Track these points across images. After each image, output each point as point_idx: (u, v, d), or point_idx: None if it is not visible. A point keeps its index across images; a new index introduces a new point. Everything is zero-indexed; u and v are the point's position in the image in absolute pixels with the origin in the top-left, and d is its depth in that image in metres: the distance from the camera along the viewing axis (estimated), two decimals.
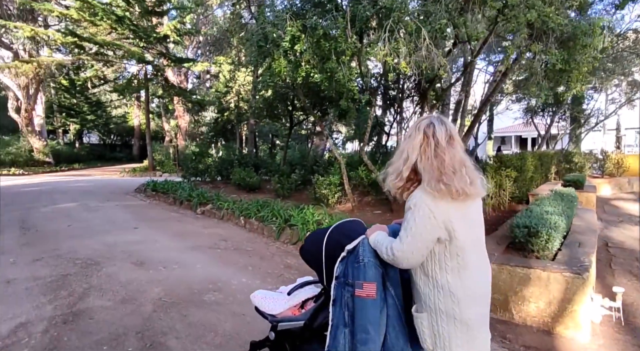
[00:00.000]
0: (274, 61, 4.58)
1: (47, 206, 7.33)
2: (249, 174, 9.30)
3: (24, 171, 17.16)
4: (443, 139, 1.30)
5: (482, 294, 1.37)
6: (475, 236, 1.37)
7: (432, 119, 1.35)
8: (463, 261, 1.30)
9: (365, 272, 1.39)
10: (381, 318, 1.38)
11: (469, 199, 1.31)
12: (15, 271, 3.67)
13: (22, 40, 16.12)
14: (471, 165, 1.34)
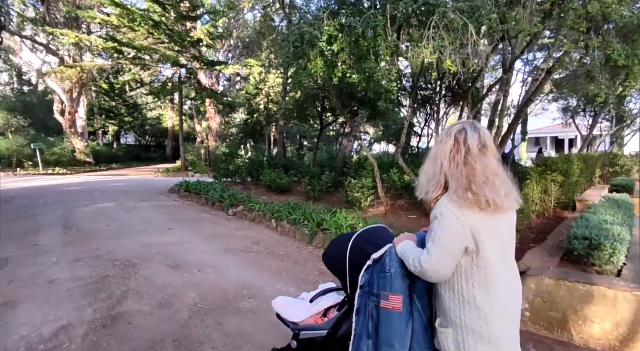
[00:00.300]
0: (309, 61, 4.47)
1: (87, 206, 7.61)
2: (279, 176, 9.27)
3: (67, 170, 18.12)
4: (475, 146, 1.23)
5: (511, 311, 1.29)
6: (505, 250, 1.29)
7: (464, 125, 1.29)
8: (491, 275, 1.24)
9: (392, 283, 1.34)
10: (406, 331, 1.33)
11: (498, 212, 1.23)
12: (58, 270, 3.76)
13: (67, 47, 17.06)
14: (505, 176, 1.27)
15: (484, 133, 1.27)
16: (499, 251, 1.26)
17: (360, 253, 1.47)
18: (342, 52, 4.17)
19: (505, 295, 1.26)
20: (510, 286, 1.29)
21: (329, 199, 8.36)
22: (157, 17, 14.93)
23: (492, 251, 1.23)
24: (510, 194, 1.24)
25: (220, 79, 25.01)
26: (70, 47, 17.55)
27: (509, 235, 1.31)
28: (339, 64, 4.41)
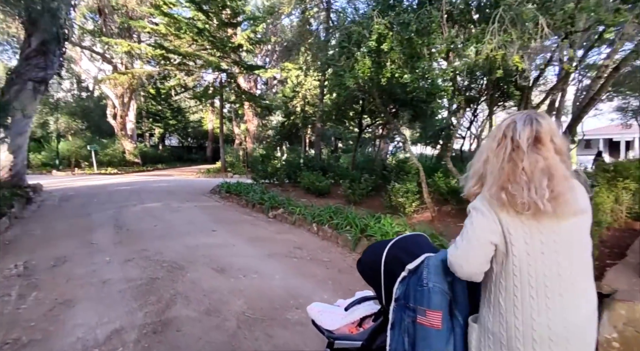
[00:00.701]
0: (356, 61, 4.30)
1: (136, 206, 7.93)
2: (318, 179, 9.17)
3: (117, 170, 19.26)
4: (524, 141, 1.09)
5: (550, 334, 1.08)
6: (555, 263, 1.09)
7: (516, 117, 1.15)
8: (522, 285, 1.10)
9: (430, 298, 1.23)
10: (447, 349, 1.23)
11: (545, 217, 1.07)
12: (111, 271, 3.87)
13: (120, 55, 18.18)
14: (564, 177, 1.08)
15: (541, 127, 1.10)
16: (543, 261, 1.09)
17: (396, 263, 1.37)
18: (392, 52, 3.97)
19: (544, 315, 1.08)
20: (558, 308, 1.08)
21: (370, 204, 8.13)
22: (201, 25, 15.49)
23: (529, 258, 1.09)
24: (562, 196, 1.06)
25: (258, 83, 25.54)
26: (123, 55, 18.71)
27: (566, 246, 1.10)
28: (388, 64, 4.20)
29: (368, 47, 3.99)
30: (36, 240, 5.00)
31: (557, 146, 1.11)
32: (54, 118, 21.10)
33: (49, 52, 8.86)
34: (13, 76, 8.63)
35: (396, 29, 3.83)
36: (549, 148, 1.09)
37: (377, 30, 3.81)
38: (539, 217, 1.07)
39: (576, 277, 1.11)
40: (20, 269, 3.82)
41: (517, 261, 1.10)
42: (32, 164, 17.53)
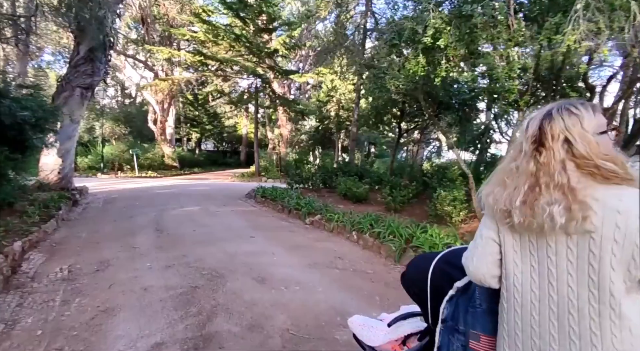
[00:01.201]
0: (407, 60, 4.00)
1: (175, 209, 8.01)
2: (355, 185, 8.88)
3: (157, 173, 19.94)
4: (529, 138, 0.94)
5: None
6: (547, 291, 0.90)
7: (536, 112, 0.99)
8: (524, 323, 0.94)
9: (485, 321, 1.08)
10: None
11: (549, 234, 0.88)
12: (152, 277, 3.78)
13: (161, 62, 18.87)
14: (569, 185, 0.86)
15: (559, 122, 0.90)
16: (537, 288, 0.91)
17: (444, 279, 1.23)
18: (449, 48, 3.63)
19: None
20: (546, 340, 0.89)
21: (410, 211, 7.73)
22: (238, 31, 15.75)
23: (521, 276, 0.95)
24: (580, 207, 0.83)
25: (291, 88, 25.67)
26: (163, 62, 19.44)
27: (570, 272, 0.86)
28: (443, 62, 3.87)
29: (422, 44, 3.68)
30: (82, 243, 5.06)
31: (577, 150, 0.88)
32: (100, 123, 22.27)
33: (95, 59, 9.24)
34: (63, 82, 9.06)
35: (455, 23, 3.49)
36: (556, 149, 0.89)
37: (433, 24, 3.50)
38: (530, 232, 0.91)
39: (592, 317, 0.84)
40: (65, 273, 3.82)
41: (509, 277, 0.96)
42: (79, 167, 18.53)
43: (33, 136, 5.77)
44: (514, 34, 3.13)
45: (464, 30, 3.50)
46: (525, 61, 3.50)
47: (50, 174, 8.85)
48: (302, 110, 19.06)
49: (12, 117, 5.20)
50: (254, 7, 15.14)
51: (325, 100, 19.23)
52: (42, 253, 4.49)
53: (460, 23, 3.51)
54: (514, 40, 3.19)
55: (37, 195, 7.09)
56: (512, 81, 3.47)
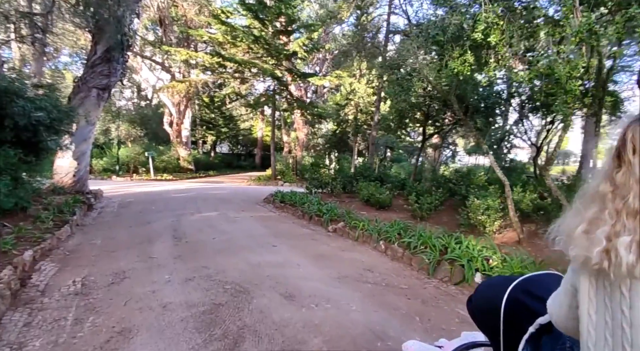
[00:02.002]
0: (451, 58, 3.61)
1: (193, 214, 7.75)
2: (378, 190, 8.49)
3: (172, 176, 19.88)
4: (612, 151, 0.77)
5: None
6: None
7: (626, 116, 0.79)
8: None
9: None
10: None
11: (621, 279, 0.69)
12: (171, 292, 3.46)
13: (179, 64, 18.84)
14: None
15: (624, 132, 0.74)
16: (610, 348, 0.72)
17: (522, 311, 1.06)
18: (500, 45, 3.23)
19: None
20: None
21: (437, 219, 7.29)
22: (257, 33, 15.57)
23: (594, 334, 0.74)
24: None
25: (308, 91, 25.45)
26: (180, 64, 19.42)
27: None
28: (492, 60, 3.47)
29: (472, 40, 3.28)
30: (96, 251, 4.80)
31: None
32: (116, 125, 22.40)
33: (112, 59, 9.10)
34: (79, 83, 8.93)
35: (509, 17, 3.10)
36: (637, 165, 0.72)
37: (485, 19, 3.10)
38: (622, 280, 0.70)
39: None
40: (78, 286, 3.53)
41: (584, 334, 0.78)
42: (94, 169, 18.60)
43: (47, 138, 5.58)
44: (580, 29, 2.71)
45: (519, 25, 3.10)
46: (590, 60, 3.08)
47: (65, 177, 8.71)
48: (320, 113, 18.76)
49: (27, 118, 5.01)
50: (272, 8, 14.94)
51: (343, 103, 18.91)
52: (55, 262, 4.22)
53: (515, 17, 3.12)
54: (579, 36, 2.77)
55: (52, 199, 6.90)
56: (573, 81, 3.05)
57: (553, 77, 3.09)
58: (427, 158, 17.90)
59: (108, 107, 21.95)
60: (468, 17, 3.52)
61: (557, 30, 3.01)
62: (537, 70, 3.14)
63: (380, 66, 12.05)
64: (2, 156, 4.86)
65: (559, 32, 3.01)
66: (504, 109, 9.82)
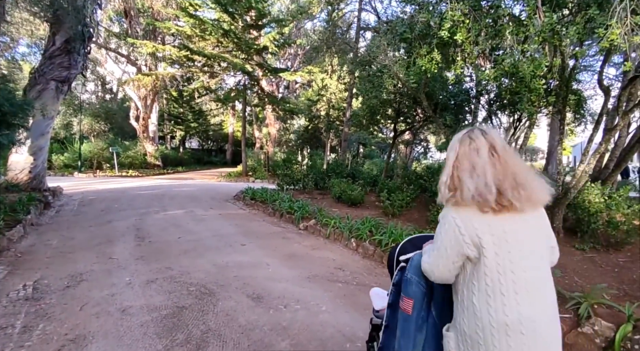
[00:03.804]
0: (419, 56, 3.66)
1: (158, 213, 7.47)
2: (350, 187, 8.53)
3: (138, 172, 19.12)
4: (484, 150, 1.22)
5: (521, 328, 1.10)
6: (522, 256, 1.14)
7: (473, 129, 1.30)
8: (493, 283, 1.13)
9: (407, 287, 1.40)
10: (418, 335, 1.36)
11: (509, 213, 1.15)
12: (131, 295, 3.31)
13: (145, 57, 18.09)
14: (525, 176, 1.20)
15: (494, 136, 1.25)
16: (511, 257, 1.13)
17: (402, 253, 1.54)
18: (466, 44, 3.31)
19: (514, 307, 1.11)
20: (529, 297, 1.12)
21: (409, 216, 7.43)
22: (226, 26, 15.20)
23: (499, 257, 1.14)
24: (529, 193, 1.16)
25: (280, 87, 25.20)
26: (147, 57, 18.66)
27: (531, 238, 1.17)
28: (458, 59, 3.55)
29: (438, 38, 3.34)
30: (51, 253, 4.52)
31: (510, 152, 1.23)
32: (78, 119, 21.23)
33: (73, 51, 8.59)
34: (36, 75, 8.38)
35: (474, 16, 3.17)
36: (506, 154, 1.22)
37: (451, 17, 3.16)
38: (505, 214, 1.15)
39: (543, 270, 1.17)
40: (29, 290, 3.31)
41: (489, 262, 1.13)
42: (54, 165, 17.56)
43: None
44: (543, 29, 2.82)
45: (485, 24, 3.18)
46: (553, 59, 3.21)
47: (20, 173, 8.16)
48: (292, 109, 18.63)
49: None
50: (242, 2, 14.62)
51: (315, 99, 18.88)
52: (4, 265, 3.94)
53: (480, 16, 3.20)
54: (542, 36, 2.88)
55: (4, 197, 6.45)
56: (537, 80, 3.17)
57: (518, 75, 3.21)
58: (399, 154, 18.22)
59: (70, 100, 20.77)
60: (435, 15, 3.58)
61: (522, 29, 3.12)
62: (503, 68, 3.24)
63: (351, 62, 12.08)
64: None
65: (523, 31, 3.11)
66: (473, 106, 10.11)
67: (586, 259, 4.32)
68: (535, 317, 1.11)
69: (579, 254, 4.49)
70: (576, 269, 3.93)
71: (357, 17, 14.08)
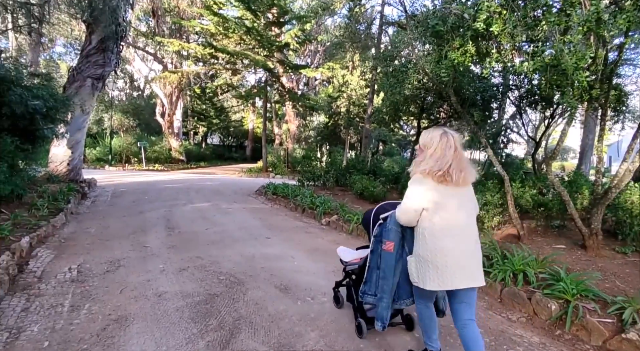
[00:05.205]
0: (451, 49, 3.65)
1: (185, 205, 7.75)
2: (372, 184, 8.57)
3: (164, 167, 19.73)
4: (450, 144, 1.95)
5: (454, 248, 1.90)
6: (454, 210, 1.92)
7: (444, 129, 2.02)
8: (440, 225, 1.90)
9: (388, 234, 2.17)
10: (397, 266, 2.16)
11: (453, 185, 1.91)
12: (166, 281, 3.50)
13: (171, 54, 18.57)
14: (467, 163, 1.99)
15: (457, 138, 1.98)
16: (450, 210, 1.91)
17: (379, 216, 2.27)
18: (502, 35, 3.28)
19: (450, 242, 1.90)
20: (457, 237, 1.92)
21: None
22: (249, 24, 15.40)
23: (443, 210, 1.90)
24: (465, 175, 1.94)
25: (299, 83, 25.31)
26: (173, 55, 19.15)
27: (462, 201, 1.97)
28: (493, 51, 3.52)
29: (473, 30, 3.32)
30: (91, 239, 4.81)
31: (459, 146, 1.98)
32: (109, 115, 22.07)
33: (107, 49, 8.97)
34: (74, 72, 8.82)
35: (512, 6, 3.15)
36: (459, 147, 1.97)
37: (487, 8, 3.14)
38: (452, 185, 1.91)
39: (470, 221, 1.98)
40: (74, 273, 3.56)
41: (441, 213, 1.91)
42: (87, 159, 18.37)
43: (44, 126, 5.54)
44: (589, 17, 2.75)
45: (523, 14, 3.14)
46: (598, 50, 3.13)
47: (59, 165, 8.62)
48: (312, 105, 18.71)
49: (24, 107, 4.96)
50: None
51: (335, 95, 18.85)
52: (50, 249, 4.23)
53: (518, 6, 3.17)
54: (587, 25, 2.81)
55: (46, 187, 6.87)
56: (580, 72, 3.08)
57: (559, 67, 3.13)
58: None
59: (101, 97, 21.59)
60: (469, 5, 3.55)
61: (564, 19, 3.03)
62: (543, 60, 3.17)
63: (374, 57, 12.02)
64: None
65: (566, 21, 3.02)
66: (500, 102, 9.87)
67: (628, 263, 4.11)
68: (462, 246, 1.91)
69: (620, 257, 4.29)
70: (617, 273, 3.78)
71: (379, 12, 13.97)
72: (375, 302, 2.27)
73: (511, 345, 2.68)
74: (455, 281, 1.87)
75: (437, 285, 1.89)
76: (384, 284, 2.17)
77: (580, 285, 3.07)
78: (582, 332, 2.76)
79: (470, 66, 3.77)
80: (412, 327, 2.73)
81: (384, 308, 2.20)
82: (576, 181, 6.81)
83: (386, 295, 2.18)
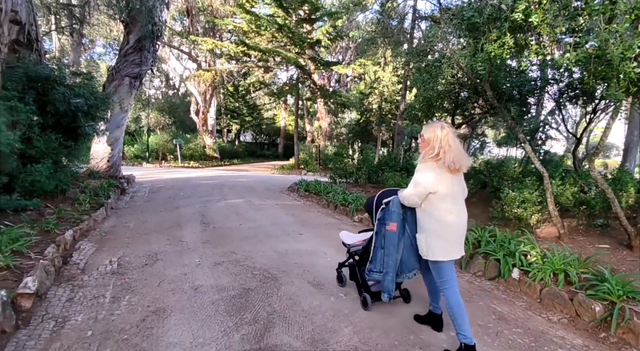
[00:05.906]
0: (487, 42, 3.41)
1: (220, 201, 7.88)
2: (405, 181, 8.32)
3: (198, 164, 20.33)
4: (452, 136, 2.28)
5: (455, 224, 2.30)
6: (454, 193, 2.30)
7: (443, 124, 2.34)
8: (443, 206, 2.27)
9: (391, 216, 2.49)
10: (399, 244, 2.51)
11: (453, 172, 2.27)
12: (202, 275, 3.53)
13: (205, 53, 19.04)
14: (464, 153, 2.31)
15: (452, 131, 2.31)
16: (452, 194, 2.28)
17: (381, 201, 2.59)
18: (542, 25, 3.01)
19: (452, 218, 2.28)
20: (456, 215, 2.30)
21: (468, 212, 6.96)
22: (280, 21, 15.46)
23: (446, 192, 2.26)
24: (463, 163, 2.27)
25: (331, 80, 25.18)
26: (207, 53, 19.63)
27: (459, 185, 2.35)
28: (532, 43, 3.25)
29: (510, 21, 3.08)
30: (130, 233, 4.97)
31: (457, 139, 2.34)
32: (145, 113, 23.03)
33: (144, 48, 9.29)
34: (113, 71, 9.21)
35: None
36: (457, 139, 2.33)
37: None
38: (452, 173, 2.27)
39: (463, 202, 2.38)
40: (114, 266, 3.67)
41: (444, 194, 2.26)
42: (125, 156, 19.27)
43: (85, 124, 5.78)
44: (637, 5, 2.46)
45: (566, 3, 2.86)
46: None
47: (100, 162, 9.05)
48: (344, 102, 18.54)
49: (66, 104, 5.19)
50: None
51: (367, 92, 18.58)
52: (92, 242, 4.41)
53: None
54: (635, 13, 2.52)
55: (88, 183, 7.21)
56: (627, 63, 2.79)
57: (604, 59, 2.86)
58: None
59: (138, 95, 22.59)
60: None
61: (609, 7, 2.76)
62: (586, 51, 2.91)
63: (406, 53, 11.68)
64: (44, 140, 5.10)
65: (611, 9, 2.76)
66: (538, 97, 9.31)
67: None
68: (460, 221, 2.33)
69: None
70: None
71: (412, 7, 13.56)
72: (381, 278, 2.59)
73: (552, 346, 2.56)
74: (456, 253, 2.31)
75: (445, 255, 2.28)
76: (389, 260, 2.52)
77: (626, 286, 2.94)
78: (629, 335, 2.63)
79: (507, 59, 3.48)
80: (409, 299, 3.15)
81: (390, 281, 2.54)
82: (620, 178, 6.50)
83: (391, 269, 2.53)
